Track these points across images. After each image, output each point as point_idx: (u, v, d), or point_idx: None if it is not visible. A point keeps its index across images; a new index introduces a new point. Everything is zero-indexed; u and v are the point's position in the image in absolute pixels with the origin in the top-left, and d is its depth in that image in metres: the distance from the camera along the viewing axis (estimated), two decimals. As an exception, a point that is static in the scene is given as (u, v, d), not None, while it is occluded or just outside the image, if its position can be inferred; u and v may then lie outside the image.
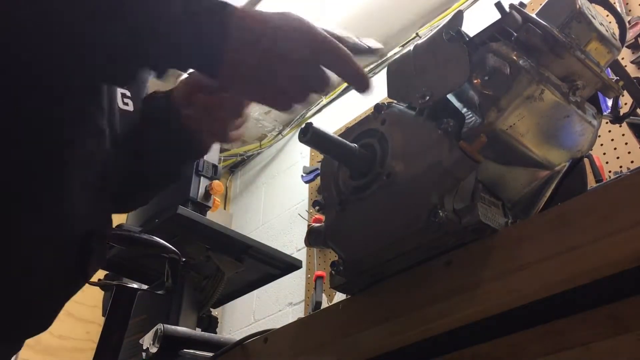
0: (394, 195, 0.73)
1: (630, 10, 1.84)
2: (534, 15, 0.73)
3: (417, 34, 2.79)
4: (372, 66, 3.07)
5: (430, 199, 0.68)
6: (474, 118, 0.70)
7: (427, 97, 0.72)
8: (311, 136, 0.73)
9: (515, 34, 0.71)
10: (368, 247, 0.75)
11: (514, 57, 0.69)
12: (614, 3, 1.76)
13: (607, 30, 0.75)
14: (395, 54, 2.92)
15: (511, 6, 0.72)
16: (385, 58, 2.98)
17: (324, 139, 0.74)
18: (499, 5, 0.72)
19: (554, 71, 0.70)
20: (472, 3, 2.57)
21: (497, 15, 0.72)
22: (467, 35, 0.74)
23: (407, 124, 0.74)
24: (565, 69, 0.70)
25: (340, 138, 0.77)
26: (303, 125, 0.74)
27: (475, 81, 0.71)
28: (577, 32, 0.73)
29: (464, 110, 0.72)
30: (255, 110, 3.39)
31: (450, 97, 0.73)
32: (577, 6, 0.73)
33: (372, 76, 3.08)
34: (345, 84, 3.53)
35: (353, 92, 3.18)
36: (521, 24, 0.70)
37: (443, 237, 0.68)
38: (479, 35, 0.73)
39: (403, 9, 2.77)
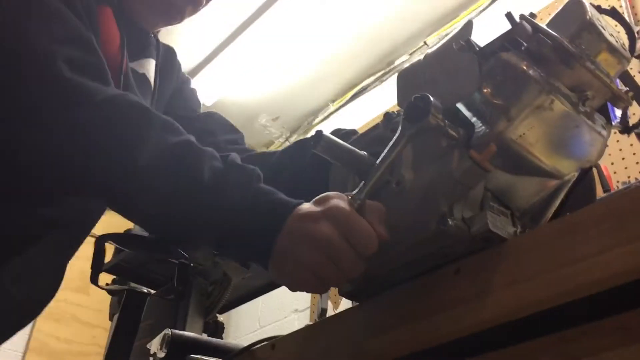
0: (403, 203, 0.73)
1: (639, 21, 1.84)
2: (544, 26, 0.73)
3: (425, 42, 2.80)
4: (380, 74, 3.08)
5: (440, 207, 0.68)
6: (483, 127, 0.71)
7: (437, 106, 0.72)
8: (323, 145, 0.74)
9: (525, 44, 0.71)
10: (376, 254, 0.75)
11: (524, 67, 0.69)
12: (622, 13, 1.76)
13: (616, 41, 0.75)
14: (403, 62, 2.93)
15: (521, 17, 0.72)
16: (393, 66, 2.99)
17: (335, 147, 0.75)
18: (509, 16, 0.73)
19: (563, 81, 0.70)
20: (480, 12, 2.58)
21: (504, 25, 0.73)
22: (478, 45, 0.74)
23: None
24: (575, 79, 0.71)
25: (350, 146, 0.77)
26: (315, 134, 0.75)
27: (485, 91, 0.71)
28: (587, 43, 0.73)
29: (474, 119, 0.72)
30: (263, 117, 3.40)
31: (460, 106, 0.74)
32: (588, 17, 0.73)
33: (380, 84, 3.09)
34: (353, 92, 3.53)
35: (361, 100, 3.20)
36: (531, 34, 0.71)
37: (452, 246, 0.68)
38: (489, 45, 0.74)
39: (411, 17, 2.78)
